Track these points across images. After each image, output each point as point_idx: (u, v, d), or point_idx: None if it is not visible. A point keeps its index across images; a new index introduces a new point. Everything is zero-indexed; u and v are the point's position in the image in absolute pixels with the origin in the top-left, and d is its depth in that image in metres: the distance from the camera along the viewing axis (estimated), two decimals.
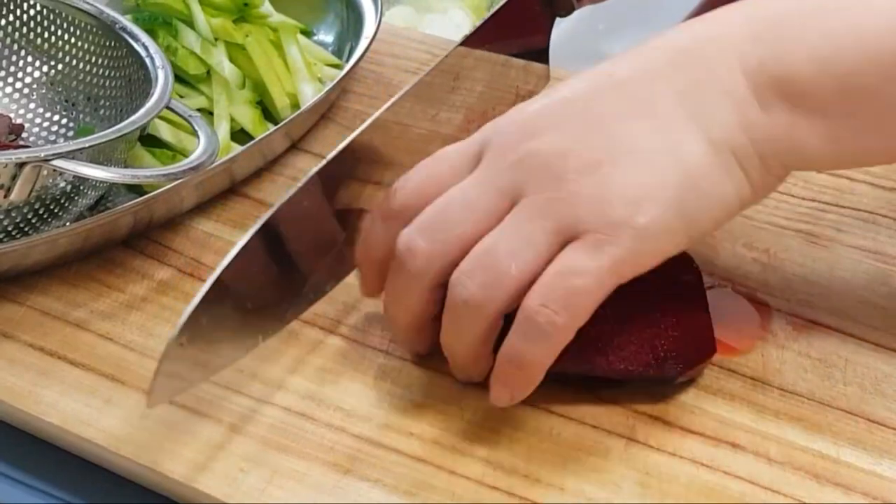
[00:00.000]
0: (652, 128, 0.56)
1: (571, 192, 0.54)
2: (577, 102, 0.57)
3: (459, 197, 0.56)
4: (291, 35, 0.80)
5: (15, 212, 0.64)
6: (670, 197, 0.55)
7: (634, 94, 0.57)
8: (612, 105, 0.56)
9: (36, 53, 0.78)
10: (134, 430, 0.58)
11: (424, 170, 0.58)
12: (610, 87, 0.57)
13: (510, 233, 0.55)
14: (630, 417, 0.59)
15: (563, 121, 0.56)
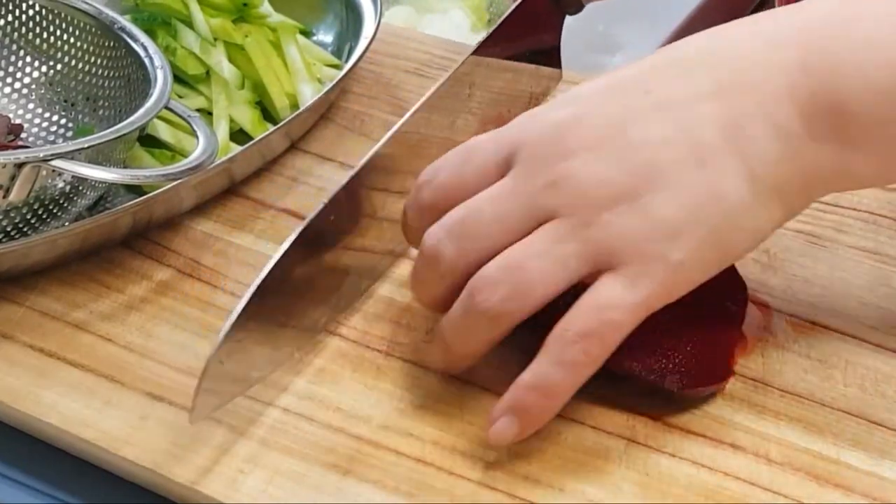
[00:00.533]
0: (693, 160, 0.54)
1: (607, 222, 0.54)
2: (613, 120, 0.55)
3: (490, 209, 0.55)
4: (291, 35, 0.80)
5: (14, 212, 0.64)
6: (707, 232, 0.54)
7: (677, 119, 0.55)
8: (652, 130, 0.55)
9: (35, 53, 0.78)
10: (133, 431, 0.58)
11: (451, 167, 0.58)
12: (650, 108, 0.55)
13: (541, 252, 0.54)
14: (630, 418, 0.59)
15: (599, 142, 0.55)
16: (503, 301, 0.55)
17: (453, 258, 0.56)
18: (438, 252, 0.56)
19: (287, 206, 0.72)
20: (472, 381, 0.61)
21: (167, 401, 0.60)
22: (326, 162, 0.75)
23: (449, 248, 0.56)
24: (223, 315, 0.64)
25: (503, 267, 0.55)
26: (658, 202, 0.54)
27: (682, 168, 0.54)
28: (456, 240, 0.56)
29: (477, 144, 0.58)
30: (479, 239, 0.55)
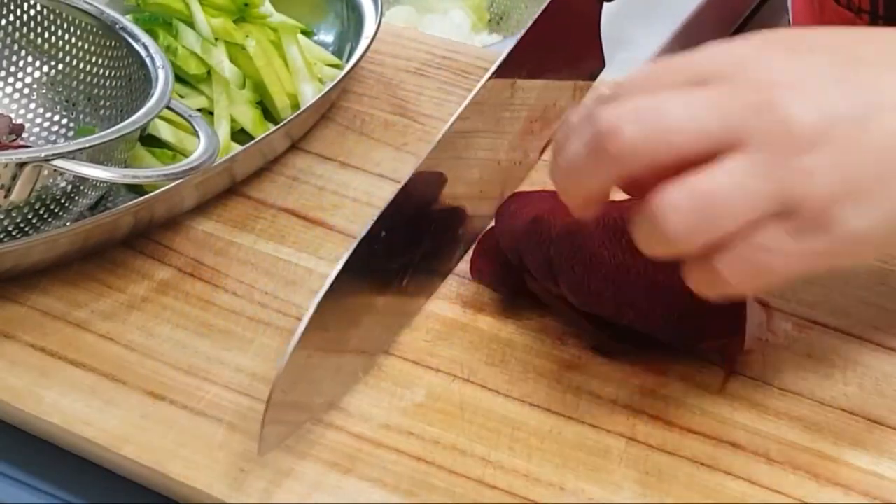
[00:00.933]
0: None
1: (803, 170, 0.50)
2: (823, 74, 0.52)
3: (682, 102, 0.51)
4: (292, 35, 0.80)
5: (15, 212, 0.64)
6: (890, 209, 0.52)
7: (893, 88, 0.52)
8: (868, 91, 0.52)
9: (36, 53, 0.78)
10: (134, 430, 0.58)
11: (638, 82, 0.53)
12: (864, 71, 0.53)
13: (733, 186, 0.50)
14: (630, 417, 0.59)
15: (810, 88, 0.51)
16: (686, 232, 0.51)
17: (636, 138, 0.50)
18: (618, 130, 0.50)
19: (288, 205, 0.72)
20: (472, 381, 0.61)
21: (168, 400, 0.60)
22: (327, 161, 0.75)
23: (629, 129, 0.50)
24: (224, 314, 0.64)
25: (693, 195, 0.51)
26: (859, 161, 0.51)
27: (890, 136, 0.52)
28: (639, 122, 0.50)
29: (665, 64, 0.54)
30: (664, 129, 0.51)
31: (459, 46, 0.85)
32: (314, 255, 0.68)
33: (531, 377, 0.61)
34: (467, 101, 0.63)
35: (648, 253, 0.52)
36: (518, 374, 0.61)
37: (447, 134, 0.63)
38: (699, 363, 0.61)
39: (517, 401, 0.60)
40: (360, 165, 0.75)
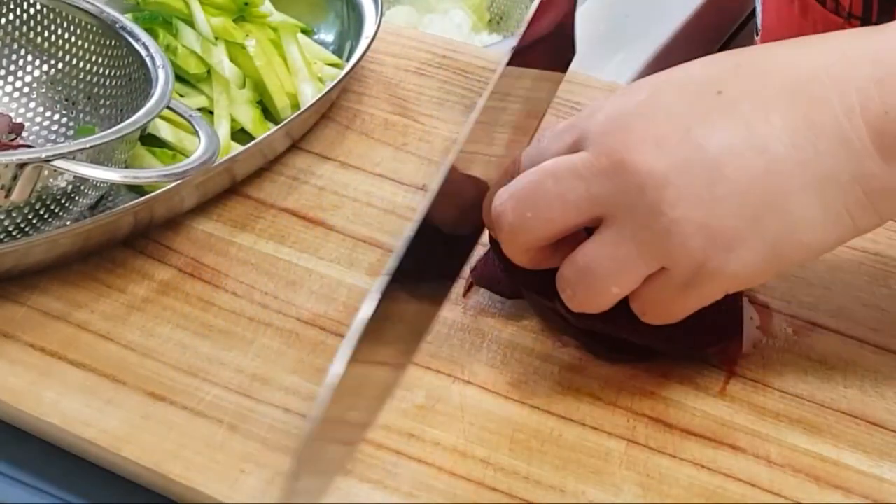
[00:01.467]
0: (762, 169, 0.53)
1: (665, 227, 0.53)
2: (679, 117, 0.55)
3: (552, 185, 0.56)
4: (292, 34, 0.80)
5: (16, 212, 0.64)
6: (767, 245, 0.54)
7: (748, 124, 0.54)
8: (719, 134, 0.54)
9: (36, 52, 0.78)
10: (134, 431, 0.58)
11: (533, 153, 0.59)
12: (720, 109, 0.55)
13: (606, 255, 0.55)
14: (630, 419, 0.59)
15: (662, 137, 0.54)
16: (584, 301, 0.57)
17: (513, 224, 0.57)
18: (500, 214, 0.57)
19: (288, 205, 0.72)
20: (473, 382, 0.61)
21: (168, 400, 0.60)
22: (328, 161, 0.75)
23: (510, 215, 0.57)
24: (224, 315, 0.64)
25: (576, 270, 0.56)
26: (720, 212, 0.53)
27: (750, 177, 0.53)
28: (518, 206, 0.57)
29: (559, 130, 0.58)
30: (539, 210, 0.56)
31: (459, 46, 0.85)
32: (314, 255, 0.68)
33: (532, 379, 0.61)
34: (474, 114, 0.62)
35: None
36: (518, 376, 0.61)
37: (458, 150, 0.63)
38: (699, 366, 0.61)
39: (517, 403, 0.60)
40: (360, 165, 0.75)
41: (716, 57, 0.59)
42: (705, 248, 0.53)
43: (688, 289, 0.55)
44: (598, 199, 0.55)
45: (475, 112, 0.59)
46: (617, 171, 0.54)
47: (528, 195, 0.56)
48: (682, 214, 0.53)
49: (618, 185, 0.54)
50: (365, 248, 0.69)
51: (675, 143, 0.54)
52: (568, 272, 0.57)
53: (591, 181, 0.55)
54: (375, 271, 0.67)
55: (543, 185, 0.56)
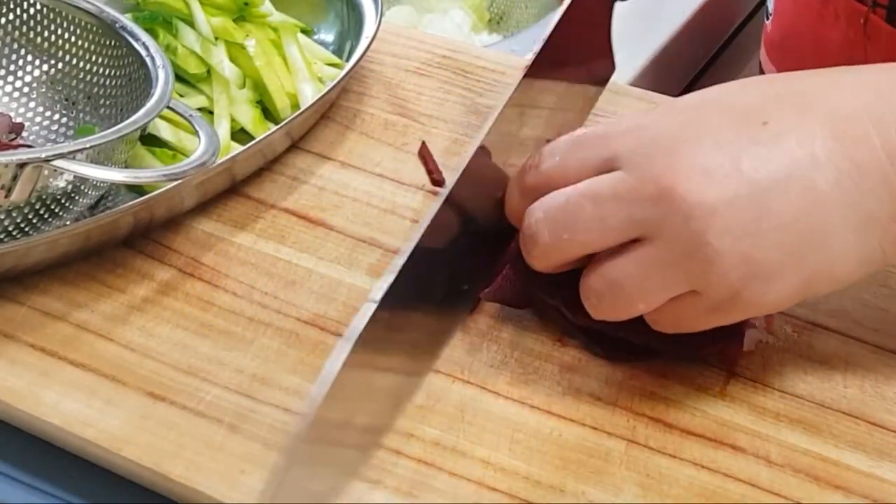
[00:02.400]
0: (807, 205, 0.54)
1: (708, 257, 0.53)
2: (727, 148, 0.54)
3: (591, 207, 0.55)
4: (292, 34, 0.80)
5: (16, 212, 0.64)
6: (802, 278, 0.55)
7: (794, 159, 0.54)
8: (769, 167, 0.54)
9: (36, 52, 0.78)
10: (134, 431, 0.58)
11: (558, 155, 0.58)
12: (767, 142, 0.54)
13: (640, 274, 0.55)
14: (630, 419, 0.59)
15: (711, 167, 0.54)
16: (608, 311, 0.57)
17: (548, 245, 0.57)
18: (535, 233, 0.57)
19: (288, 205, 0.72)
20: (472, 382, 0.61)
21: (168, 400, 0.60)
22: (327, 161, 0.75)
23: (545, 236, 0.57)
24: (224, 315, 0.64)
25: (607, 282, 0.56)
26: (763, 246, 0.54)
27: (793, 212, 0.54)
28: (553, 228, 0.57)
29: (585, 139, 0.58)
30: (576, 233, 0.56)
31: (459, 46, 0.85)
32: (314, 255, 0.68)
33: (531, 379, 0.61)
34: (486, 129, 0.62)
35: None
36: (518, 376, 0.61)
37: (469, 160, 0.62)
38: (699, 365, 0.61)
39: (517, 402, 0.60)
40: (360, 165, 0.75)
41: (755, 83, 0.59)
42: (744, 279, 0.54)
43: (715, 312, 0.55)
44: (639, 224, 0.54)
45: (491, 119, 0.59)
46: (663, 198, 0.54)
47: (565, 217, 0.56)
48: (728, 246, 0.53)
49: (663, 212, 0.54)
50: (365, 248, 0.69)
51: (724, 175, 0.54)
52: (596, 283, 0.56)
53: (634, 206, 0.54)
54: (375, 271, 0.67)
55: (581, 208, 0.56)
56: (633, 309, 0.56)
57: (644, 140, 0.56)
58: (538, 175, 0.59)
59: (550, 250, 0.57)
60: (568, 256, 0.57)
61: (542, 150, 0.59)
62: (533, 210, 0.57)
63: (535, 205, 0.57)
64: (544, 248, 0.57)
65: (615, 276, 0.56)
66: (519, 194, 0.60)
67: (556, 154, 0.58)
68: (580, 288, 0.57)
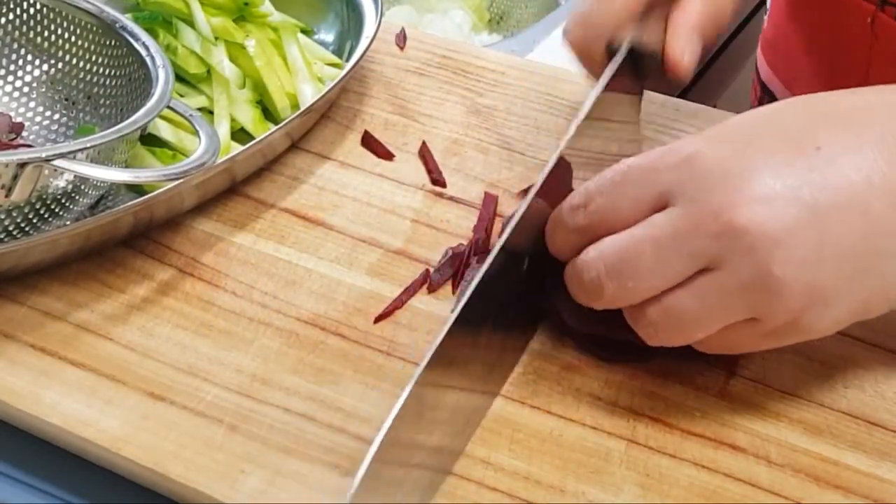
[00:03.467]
0: (865, 230, 0.54)
1: (772, 287, 0.53)
2: (785, 176, 0.54)
3: (652, 252, 0.55)
4: (292, 35, 0.80)
5: (16, 211, 0.64)
6: (858, 303, 0.55)
7: (851, 184, 0.54)
8: (827, 193, 0.54)
9: (36, 52, 0.78)
10: (134, 431, 0.58)
11: (607, 195, 0.57)
12: (822, 168, 0.54)
13: (700, 306, 0.55)
14: (630, 419, 0.59)
15: (772, 197, 0.53)
16: (665, 339, 0.56)
17: (614, 295, 0.56)
18: (599, 286, 0.56)
19: (288, 205, 0.72)
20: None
21: (168, 400, 0.60)
22: (327, 161, 0.75)
23: (610, 286, 0.56)
24: (224, 314, 0.64)
25: (665, 312, 0.55)
26: (825, 270, 0.53)
27: (851, 237, 0.54)
28: (617, 278, 0.55)
29: (633, 174, 0.57)
30: (641, 280, 0.55)
31: (459, 46, 0.86)
32: (314, 255, 0.68)
33: (531, 379, 0.61)
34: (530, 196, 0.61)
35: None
36: (518, 376, 0.61)
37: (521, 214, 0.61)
38: (699, 365, 0.61)
39: (517, 402, 0.60)
40: (360, 165, 0.75)
41: (801, 104, 0.58)
42: (804, 306, 0.54)
43: (769, 336, 0.55)
44: (701, 258, 0.54)
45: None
46: (725, 233, 0.53)
47: (626, 266, 0.55)
48: (791, 275, 0.53)
49: (725, 245, 0.53)
50: (365, 248, 0.69)
51: (785, 204, 0.53)
52: (654, 314, 0.56)
53: (695, 242, 0.54)
54: (375, 271, 0.67)
55: (643, 254, 0.55)
56: (690, 337, 0.56)
57: (697, 173, 0.55)
58: (588, 215, 0.57)
59: (616, 299, 0.56)
60: (633, 301, 0.56)
61: (588, 189, 0.58)
62: (591, 261, 0.56)
63: (592, 254, 0.56)
64: (610, 298, 0.56)
65: (675, 308, 0.55)
66: (567, 233, 0.59)
67: (603, 192, 0.57)
68: (631, 315, 0.57)
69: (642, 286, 0.55)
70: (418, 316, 0.64)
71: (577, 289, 0.58)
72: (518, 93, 0.80)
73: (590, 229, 0.57)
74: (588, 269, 0.56)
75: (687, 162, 0.55)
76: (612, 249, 0.56)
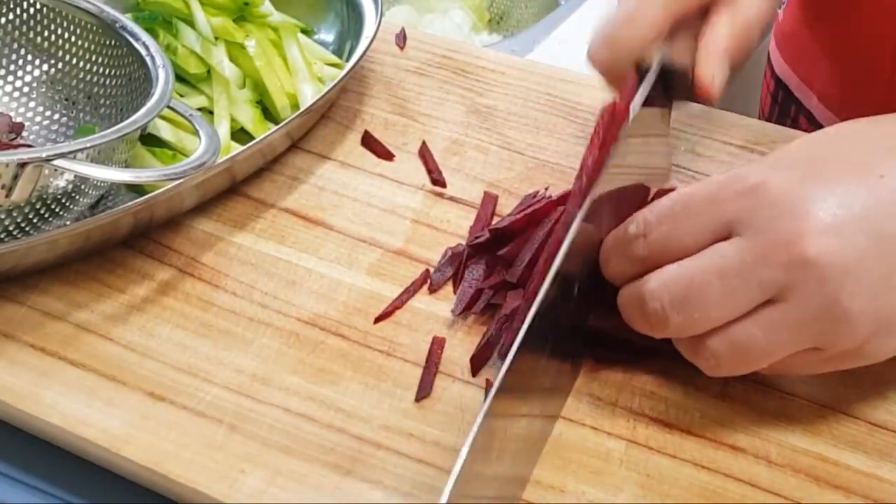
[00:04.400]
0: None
1: (840, 317, 0.53)
2: (852, 205, 0.54)
3: (719, 284, 0.54)
4: (292, 35, 0.80)
5: (16, 211, 0.64)
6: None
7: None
8: (892, 224, 0.54)
9: (36, 52, 0.78)
10: (134, 431, 0.58)
11: (667, 224, 0.57)
12: (887, 197, 0.54)
13: (767, 338, 0.54)
14: (630, 419, 0.59)
15: (840, 226, 0.53)
16: (728, 370, 0.56)
17: (681, 326, 0.56)
18: (664, 317, 0.56)
19: (288, 205, 0.72)
20: (472, 382, 0.61)
21: (168, 400, 0.60)
22: (327, 161, 0.75)
23: (676, 317, 0.55)
24: (224, 314, 0.64)
25: (731, 343, 0.55)
26: (892, 299, 0.53)
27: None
28: (683, 310, 0.55)
29: (695, 203, 0.56)
30: (707, 311, 0.55)
31: (459, 46, 0.86)
32: (314, 255, 0.68)
33: None
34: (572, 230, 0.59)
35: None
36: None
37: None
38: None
39: None
40: (360, 165, 0.75)
41: (861, 129, 0.58)
42: (870, 334, 0.54)
43: (830, 362, 0.55)
44: (769, 289, 0.54)
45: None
46: (794, 263, 0.53)
47: (693, 298, 0.55)
48: (860, 305, 0.53)
49: (794, 276, 0.53)
50: (365, 248, 0.69)
51: (853, 233, 0.53)
52: (718, 345, 0.55)
53: (763, 272, 0.54)
54: (375, 271, 0.67)
55: (709, 285, 0.54)
56: (754, 367, 0.56)
57: (763, 202, 0.55)
58: (648, 245, 0.57)
59: (681, 330, 0.56)
60: (697, 332, 0.56)
61: (645, 218, 0.58)
62: (654, 291, 0.56)
63: (654, 284, 0.56)
64: (676, 329, 0.56)
65: (741, 340, 0.55)
66: (625, 262, 0.58)
67: (663, 222, 0.57)
68: (690, 346, 0.56)
69: (708, 317, 0.55)
70: (418, 316, 0.64)
71: (638, 317, 0.57)
72: (518, 93, 0.80)
73: (649, 260, 0.57)
74: (652, 299, 0.56)
75: (752, 191, 0.55)
76: (676, 280, 0.55)
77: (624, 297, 0.58)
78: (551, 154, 0.75)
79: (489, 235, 0.66)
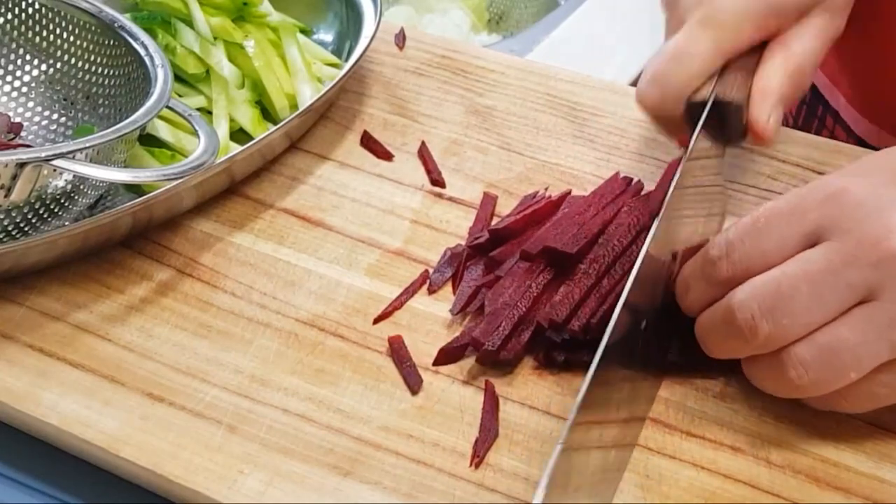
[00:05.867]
0: None
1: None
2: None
3: (807, 289, 0.54)
4: (291, 35, 0.80)
5: (15, 211, 0.64)
6: None
7: None
8: None
9: (35, 52, 0.78)
10: (133, 432, 0.58)
11: (748, 241, 0.57)
12: None
13: (858, 340, 0.54)
14: None
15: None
16: (814, 382, 0.55)
17: (770, 335, 0.55)
18: (754, 327, 0.55)
19: (287, 205, 0.72)
20: (472, 383, 0.61)
21: (167, 401, 0.60)
22: (326, 161, 0.75)
23: (766, 326, 0.54)
24: (223, 315, 0.64)
25: (819, 349, 0.54)
26: None
27: None
28: (772, 317, 0.54)
29: (776, 217, 0.56)
30: (797, 317, 0.54)
31: (459, 46, 0.85)
32: (313, 255, 0.68)
33: (530, 380, 0.61)
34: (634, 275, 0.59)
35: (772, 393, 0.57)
36: (517, 377, 0.61)
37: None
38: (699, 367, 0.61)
39: (516, 403, 0.60)
40: (360, 165, 0.75)
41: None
42: None
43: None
44: (859, 289, 0.54)
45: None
46: (885, 259, 0.53)
47: (783, 304, 0.54)
48: None
49: (884, 274, 0.53)
50: (364, 248, 0.69)
51: None
52: (806, 353, 0.55)
53: (853, 272, 0.54)
54: (374, 271, 0.67)
55: (798, 291, 0.54)
56: (842, 379, 0.55)
57: (847, 206, 0.55)
58: (733, 265, 0.57)
59: (774, 339, 0.55)
60: (786, 341, 0.55)
61: (728, 239, 0.57)
62: (744, 302, 0.55)
63: (741, 296, 0.55)
64: (766, 339, 0.55)
65: (831, 343, 0.54)
66: (706, 287, 0.58)
67: (745, 240, 0.57)
68: (774, 362, 0.56)
69: (798, 322, 0.54)
70: (418, 317, 0.64)
71: (724, 336, 0.57)
72: (518, 93, 0.80)
73: (734, 279, 0.56)
74: (741, 309, 0.55)
75: (834, 198, 0.55)
76: (764, 288, 0.55)
77: (705, 319, 0.58)
78: (551, 154, 0.75)
79: (488, 236, 0.66)
